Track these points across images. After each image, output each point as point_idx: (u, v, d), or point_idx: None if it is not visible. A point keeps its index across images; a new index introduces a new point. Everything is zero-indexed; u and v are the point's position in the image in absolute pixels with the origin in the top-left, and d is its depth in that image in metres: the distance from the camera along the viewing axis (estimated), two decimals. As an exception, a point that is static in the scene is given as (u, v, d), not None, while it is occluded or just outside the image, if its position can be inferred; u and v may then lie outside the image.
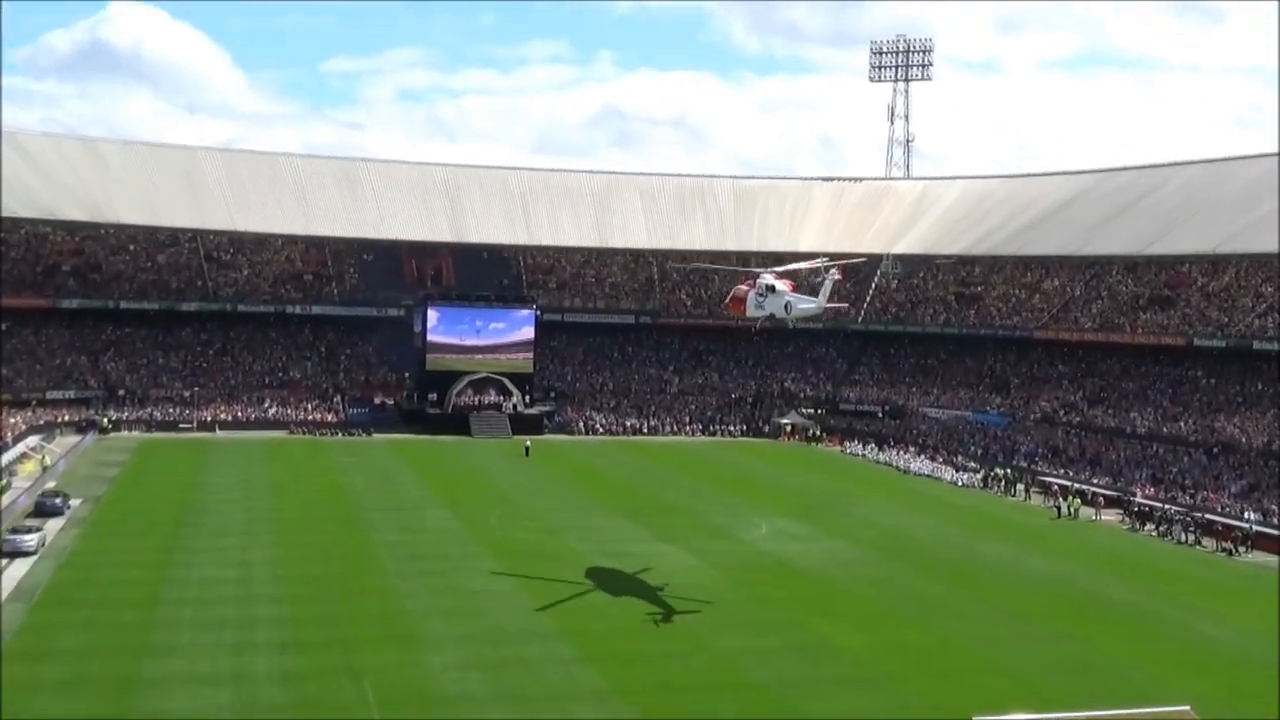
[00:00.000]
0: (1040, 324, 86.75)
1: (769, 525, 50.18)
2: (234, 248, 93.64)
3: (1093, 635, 34.56)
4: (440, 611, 34.42)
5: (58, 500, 47.93)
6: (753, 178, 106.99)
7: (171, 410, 79.72)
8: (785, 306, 41.37)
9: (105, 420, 76.17)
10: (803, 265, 44.29)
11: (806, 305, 41.51)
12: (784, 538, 47.52)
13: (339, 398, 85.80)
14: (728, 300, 44.86)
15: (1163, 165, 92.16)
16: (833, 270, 40.42)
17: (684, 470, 68.16)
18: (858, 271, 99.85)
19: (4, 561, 38.67)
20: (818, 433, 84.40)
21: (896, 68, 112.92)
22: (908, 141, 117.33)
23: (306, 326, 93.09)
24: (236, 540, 43.29)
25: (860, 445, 79.51)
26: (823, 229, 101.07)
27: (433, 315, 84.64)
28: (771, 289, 41.94)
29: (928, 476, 68.85)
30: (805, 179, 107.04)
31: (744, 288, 43.51)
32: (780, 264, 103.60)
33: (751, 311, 42.64)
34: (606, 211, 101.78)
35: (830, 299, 41.38)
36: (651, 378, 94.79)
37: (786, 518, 52.13)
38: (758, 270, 43.54)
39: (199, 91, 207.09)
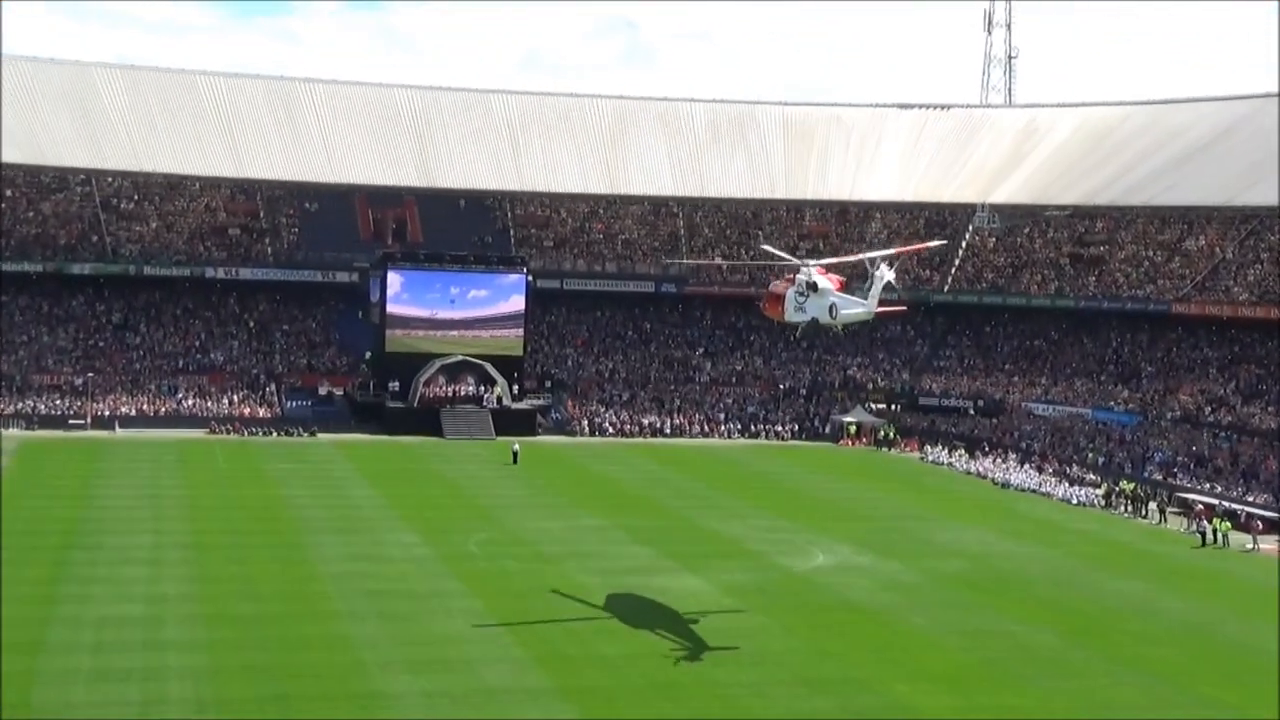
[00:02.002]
0: (1180, 295, 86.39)
1: (827, 554, 50.12)
2: (139, 194, 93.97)
3: (1245, 702, 34.42)
4: (404, 664, 34.51)
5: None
6: (809, 104, 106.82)
7: (59, 402, 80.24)
8: (829, 310, 41.79)
9: (-25, 414, 76.80)
10: (862, 257, 44.33)
11: (854, 309, 41.82)
12: (847, 570, 47.46)
13: (273, 387, 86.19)
14: (764, 300, 45.49)
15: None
16: (883, 266, 40.68)
17: (718, 482, 68.16)
18: (944, 227, 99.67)
19: None
20: (890, 434, 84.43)
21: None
22: (1009, 58, 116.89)
23: (232, 295, 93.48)
24: (142, 570, 43.48)
25: (945, 451, 79.47)
26: (899, 171, 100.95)
27: (394, 280, 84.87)
28: (814, 287, 42.23)
29: (1033, 492, 68.74)
30: (877, 106, 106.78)
31: (782, 284, 43.82)
32: (845, 217, 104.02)
33: (790, 315, 43.13)
34: (618, 147, 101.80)
35: (884, 300, 41.63)
36: (676, 363, 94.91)
37: (850, 544, 52.07)
38: (802, 261, 43.79)
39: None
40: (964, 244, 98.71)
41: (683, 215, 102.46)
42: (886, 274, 40.80)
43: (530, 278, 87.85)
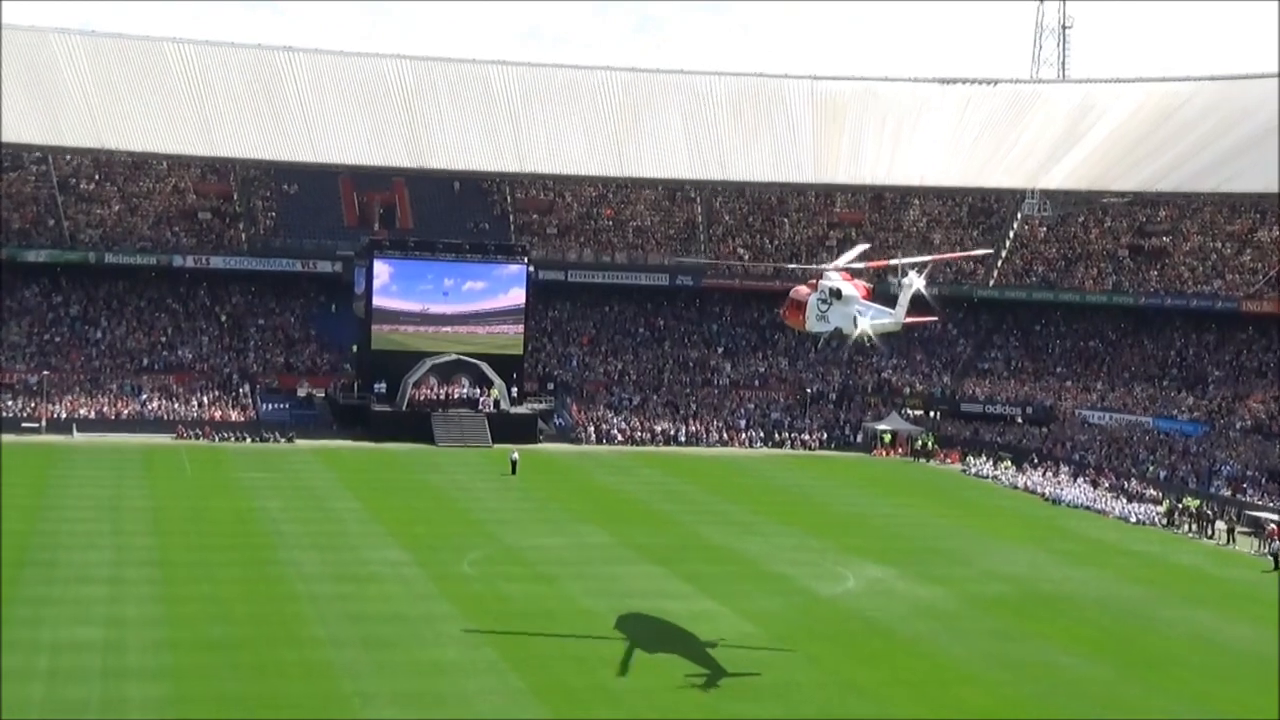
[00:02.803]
0: (1251, 291, 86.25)
1: (858, 577, 50.07)
2: (100, 173, 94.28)
3: (1324, 742, 34.31)
4: (390, 696, 34.55)
5: None
6: (841, 78, 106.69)
7: (10, 403, 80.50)
8: (854, 319, 42.17)
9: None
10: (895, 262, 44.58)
11: (881, 320, 42.24)
12: (879, 595, 47.41)
13: (247, 388, 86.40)
14: (784, 307, 45.89)
15: None
16: (913, 274, 40.88)
17: (737, 496, 68.16)
18: (989, 215, 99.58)
19: None
20: (929, 444, 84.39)
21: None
22: (1063, 29, 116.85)
23: (202, 286, 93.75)
24: (102, 590, 43.55)
25: (990, 463, 79.41)
26: (940, 152, 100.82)
27: (381, 271, 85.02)
28: (837, 294, 42.52)
29: (1087, 509, 68.64)
30: (916, 80, 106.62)
31: (804, 290, 44.13)
32: (880, 203, 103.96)
33: (812, 324, 43.54)
34: (631, 126, 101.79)
35: (913, 310, 41.95)
36: (693, 363, 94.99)
37: (883, 566, 52.02)
38: (823, 267, 44.07)
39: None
40: (1012, 234, 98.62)
41: (700, 200, 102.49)
42: (917, 282, 40.96)
43: (531, 269, 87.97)
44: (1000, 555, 55.72)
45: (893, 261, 44.23)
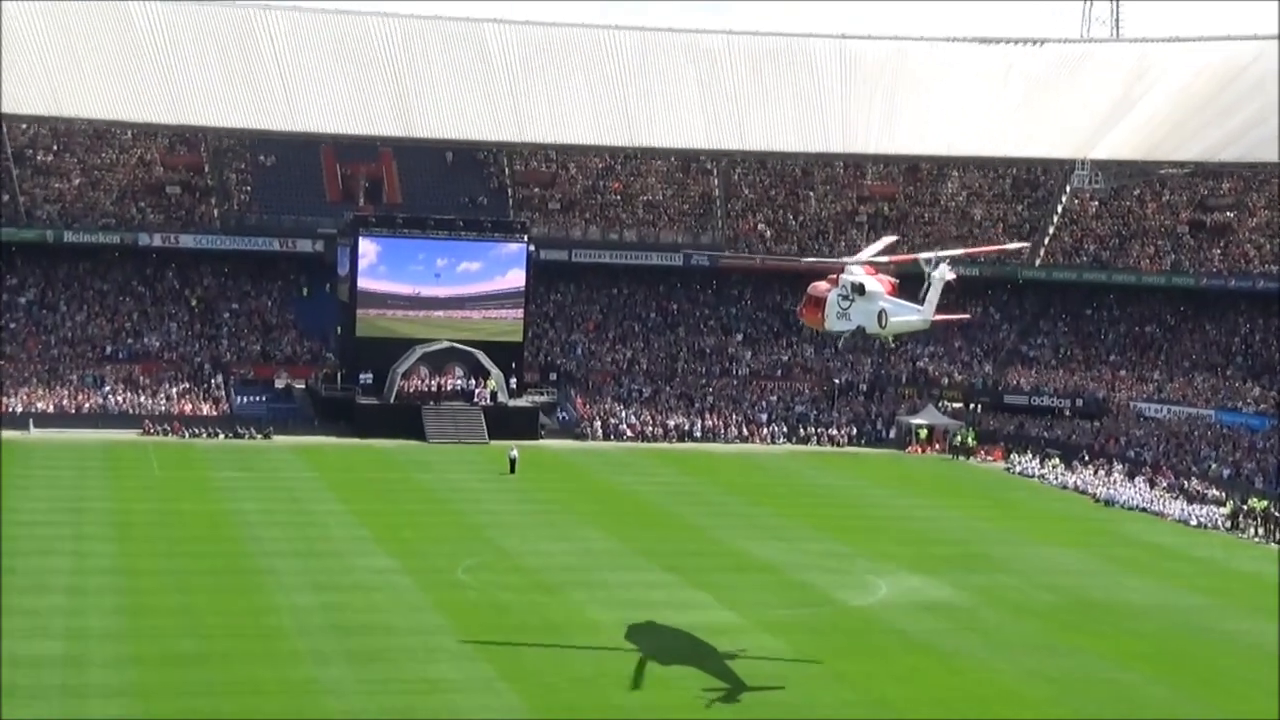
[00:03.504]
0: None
1: (891, 585, 50.09)
2: (58, 144, 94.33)
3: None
4: (379, 716, 34.62)
5: None
6: (873, 38, 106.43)
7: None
8: (879, 317, 42.36)
9: None
10: (918, 256, 44.64)
11: (907, 317, 42.46)
12: (915, 606, 47.42)
13: (220, 379, 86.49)
14: (801, 305, 46.24)
15: None
16: (943, 266, 41.07)
17: (758, 497, 68.24)
18: (1035, 188, 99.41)
19: None
20: (969, 440, 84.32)
21: None
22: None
23: (171, 267, 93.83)
24: (61, 600, 43.63)
25: (1036, 460, 79.34)
26: (981, 119, 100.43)
27: (367, 250, 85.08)
28: (860, 290, 42.72)
29: (1143, 511, 68.59)
30: (954, 40, 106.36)
31: (824, 285, 44.39)
32: (914, 175, 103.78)
33: (832, 322, 43.85)
34: (641, 90, 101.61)
35: (943, 306, 42.13)
36: (709, 351, 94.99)
37: (918, 573, 52.04)
38: (844, 260, 44.16)
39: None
40: (1060, 208, 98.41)
41: (717, 172, 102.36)
42: (946, 275, 40.95)
43: (532, 248, 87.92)
44: (1047, 562, 55.69)
45: (920, 255, 44.27)
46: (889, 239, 48.91)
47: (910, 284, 44.45)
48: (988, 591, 49.75)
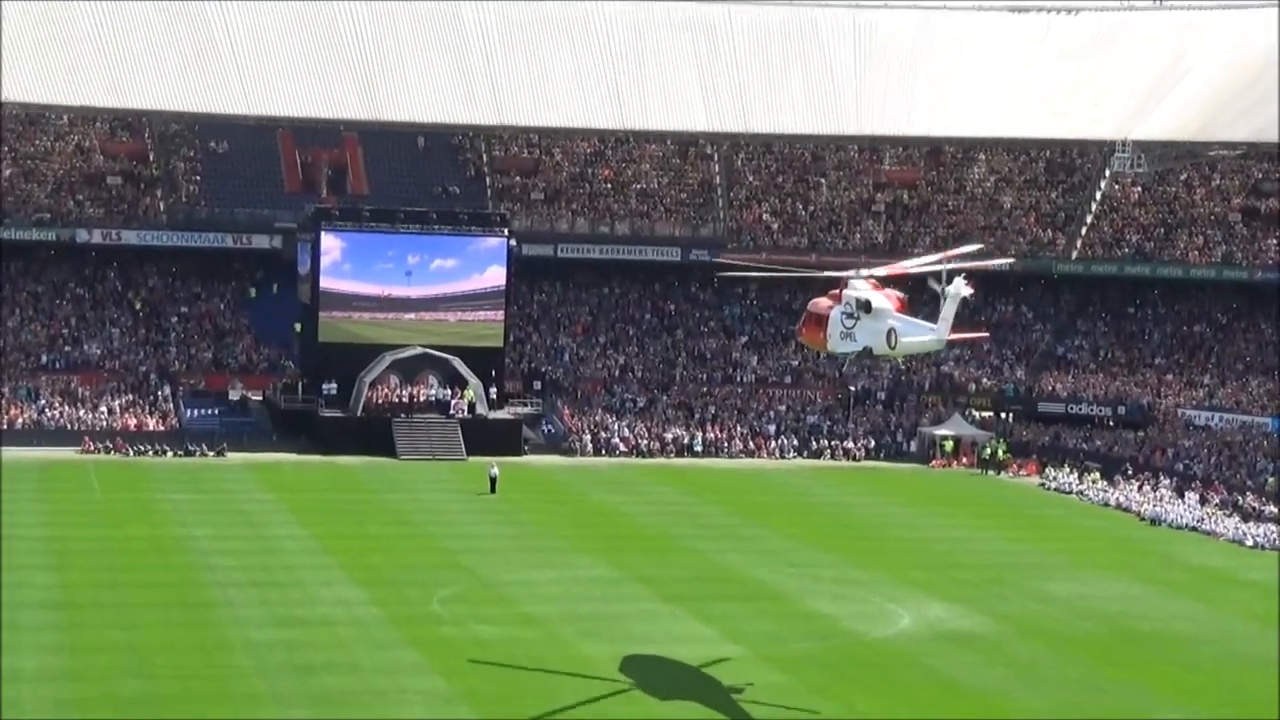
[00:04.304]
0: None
1: (914, 615, 50.02)
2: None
3: None
4: (344, 763, 34.55)
5: None
6: (890, 6, 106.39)
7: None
8: (888, 336, 42.31)
9: None
10: (916, 265, 44.65)
11: (919, 336, 42.48)
12: (940, 637, 47.34)
13: (168, 390, 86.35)
14: (801, 323, 46.42)
15: None
16: (958, 280, 40.98)
17: (766, 517, 68.16)
18: (1071, 172, 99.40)
19: None
20: (1000, 453, 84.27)
21: None
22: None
23: (112, 266, 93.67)
24: (-7, 637, 43.53)
25: (1074, 475, 79.30)
26: (1012, 96, 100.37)
27: (331, 246, 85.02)
28: (866, 307, 42.64)
29: (1193, 530, 68.54)
30: (980, 8, 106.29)
31: (826, 302, 44.44)
32: (937, 159, 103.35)
33: (835, 344, 43.99)
34: (633, 66, 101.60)
35: (960, 324, 42.22)
36: (711, 356, 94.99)
37: (945, 601, 51.95)
38: (848, 274, 44.17)
39: None
40: (1099, 195, 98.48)
41: (719, 157, 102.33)
42: (962, 290, 40.88)
43: (513, 242, 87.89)
44: (1087, 588, 55.54)
45: (918, 268, 44.15)
46: (970, 247, 48.40)
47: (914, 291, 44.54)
48: (1021, 621, 49.64)
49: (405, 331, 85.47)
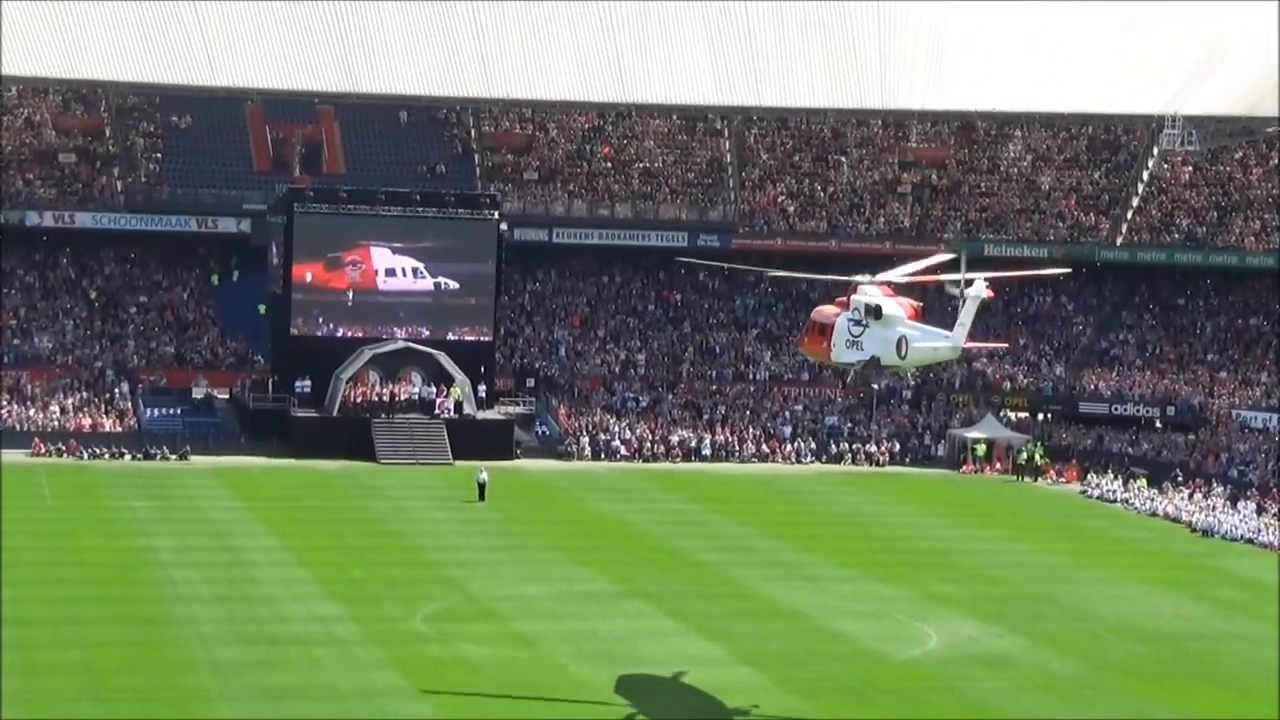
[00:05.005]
0: None
1: (943, 634, 50.04)
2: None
3: None
4: (319, 795, 34.55)
5: None
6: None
7: None
8: (898, 345, 42.39)
9: None
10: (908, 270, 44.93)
11: (933, 344, 42.63)
12: (972, 659, 47.36)
13: (126, 387, 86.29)
14: (803, 332, 46.71)
15: None
16: (978, 283, 41.21)
17: (780, 528, 68.20)
18: (1115, 151, 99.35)
19: None
20: (1037, 457, 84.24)
21: None
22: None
23: (65, 252, 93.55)
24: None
25: (1118, 482, 79.28)
26: (1051, 67, 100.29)
27: (304, 229, 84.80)
28: (876, 313, 42.71)
29: (1248, 542, 68.48)
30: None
31: (831, 309, 44.57)
32: (969, 136, 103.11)
33: (840, 353, 44.02)
34: (636, 36, 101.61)
35: (992, 318, 42.38)
36: (720, 350, 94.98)
37: (978, 620, 51.97)
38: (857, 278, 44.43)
39: None
40: (1146, 175, 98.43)
41: (730, 134, 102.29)
42: (981, 293, 40.97)
43: (504, 226, 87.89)
44: (1134, 605, 55.53)
45: (944, 276, 44.35)
46: (941, 258, 48.55)
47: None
48: (1061, 642, 49.62)
49: (386, 324, 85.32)
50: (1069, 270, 79.90)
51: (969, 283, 41.59)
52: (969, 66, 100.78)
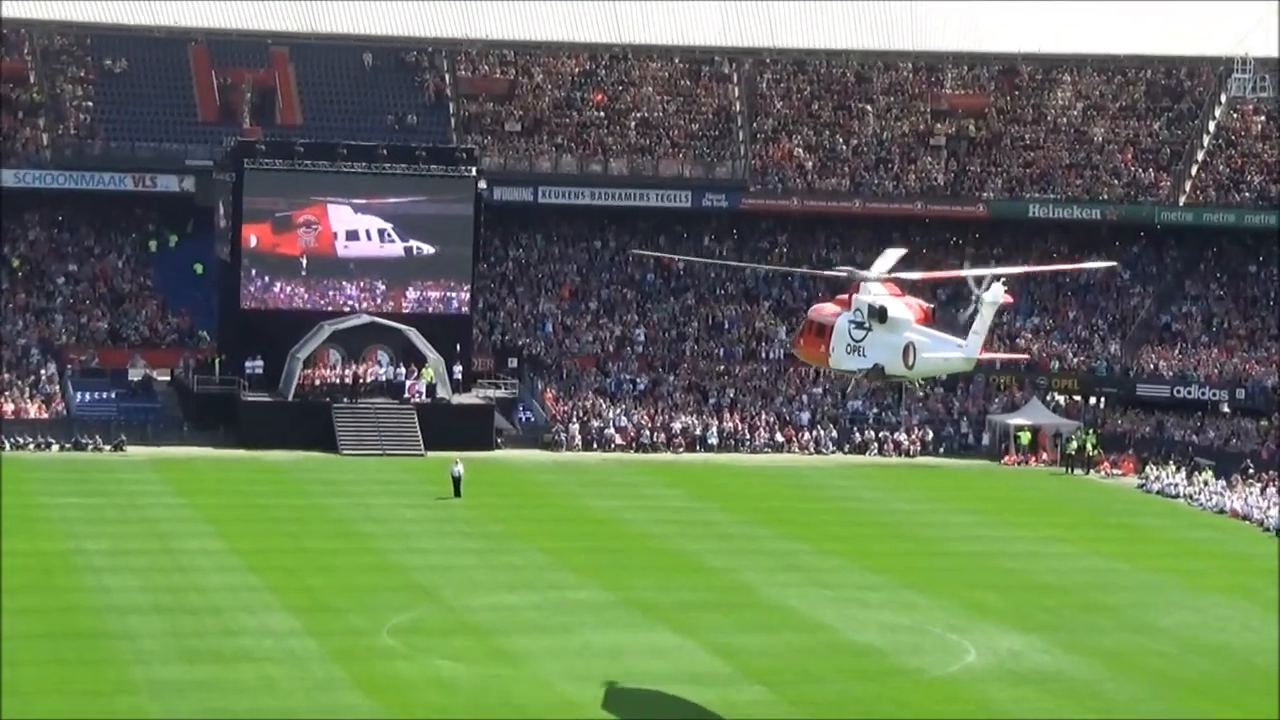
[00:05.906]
0: None
1: (982, 648, 50.07)
2: None
3: None
4: (272, 833, 34.57)
5: None
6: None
7: None
8: (905, 352, 42.43)
9: None
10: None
11: (944, 352, 42.73)
12: (1015, 675, 47.39)
13: (53, 368, 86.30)
14: (797, 335, 47.08)
15: None
16: (996, 286, 41.42)
17: (798, 527, 68.29)
18: (1179, 98, 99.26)
19: None
20: (1089, 447, 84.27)
21: None
22: None
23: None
24: None
25: (1181, 474, 79.31)
26: (1098, 2, 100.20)
27: (256, 187, 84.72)
28: (881, 315, 42.70)
29: (1329, 543, 68.57)
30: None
31: (831, 308, 44.75)
32: (1011, 81, 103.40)
33: (839, 359, 44.16)
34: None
35: (994, 342, 42.55)
36: (729, 325, 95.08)
37: (1022, 631, 52.02)
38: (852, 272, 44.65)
39: None
40: (1212, 126, 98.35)
41: (739, 79, 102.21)
42: (999, 297, 41.18)
43: (483, 184, 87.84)
44: (1199, 615, 55.54)
45: (965, 273, 44.44)
46: (897, 251, 48.30)
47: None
48: (1116, 656, 49.67)
49: (348, 296, 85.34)
50: (1114, 265, 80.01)
51: (988, 285, 41.56)
52: (1011, 2, 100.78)
